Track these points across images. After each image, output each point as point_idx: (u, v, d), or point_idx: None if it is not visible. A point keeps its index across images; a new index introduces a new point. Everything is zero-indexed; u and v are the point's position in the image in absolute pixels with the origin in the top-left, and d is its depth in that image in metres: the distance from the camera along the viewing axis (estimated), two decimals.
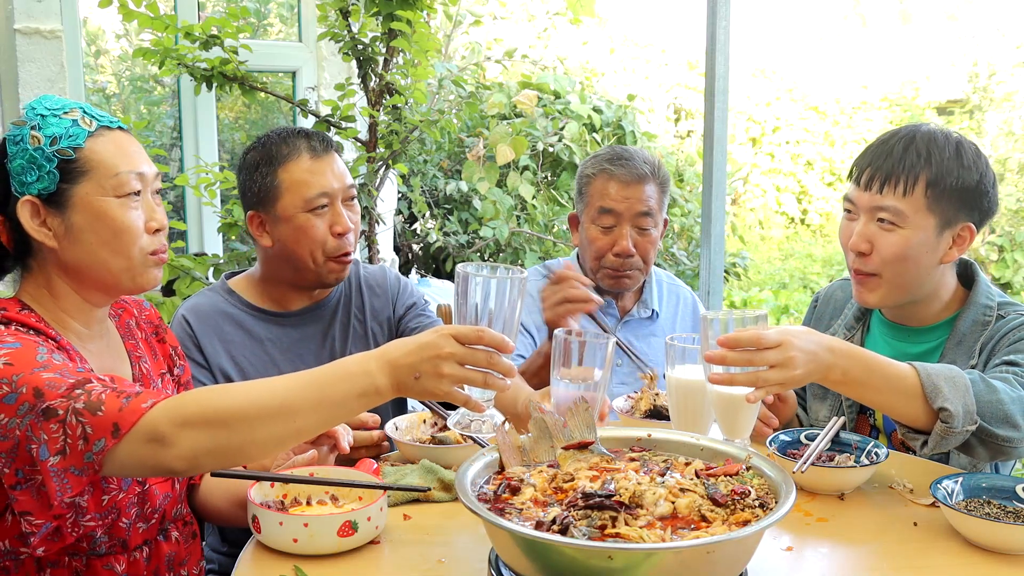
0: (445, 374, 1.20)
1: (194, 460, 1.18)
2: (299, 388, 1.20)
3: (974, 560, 1.31)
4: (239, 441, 1.18)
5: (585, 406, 1.35)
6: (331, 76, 4.23)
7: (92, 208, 1.34)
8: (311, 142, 1.85)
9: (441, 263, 5.64)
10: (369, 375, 1.20)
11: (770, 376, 1.38)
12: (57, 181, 1.33)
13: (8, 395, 1.18)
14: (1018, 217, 7.50)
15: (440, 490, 1.51)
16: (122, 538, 1.39)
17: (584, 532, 1.08)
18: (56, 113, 1.35)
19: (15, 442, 1.17)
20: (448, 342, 1.20)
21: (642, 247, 2.20)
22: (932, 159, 1.66)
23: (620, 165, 2.19)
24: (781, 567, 1.30)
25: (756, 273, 7.93)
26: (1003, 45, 8.64)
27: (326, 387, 1.20)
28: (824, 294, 2.05)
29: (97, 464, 1.16)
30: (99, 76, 4.60)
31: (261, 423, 1.18)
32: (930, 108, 9.05)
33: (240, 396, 1.20)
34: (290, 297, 1.93)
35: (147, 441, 1.16)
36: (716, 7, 3.05)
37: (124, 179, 1.36)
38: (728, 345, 1.38)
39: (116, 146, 1.37)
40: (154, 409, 1.17)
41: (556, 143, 5.53)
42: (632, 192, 2.17)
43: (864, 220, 1.71)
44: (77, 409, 1.17)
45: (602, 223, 2.19)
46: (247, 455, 1.21)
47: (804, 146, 9.42)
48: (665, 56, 9.43)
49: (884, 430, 1.83)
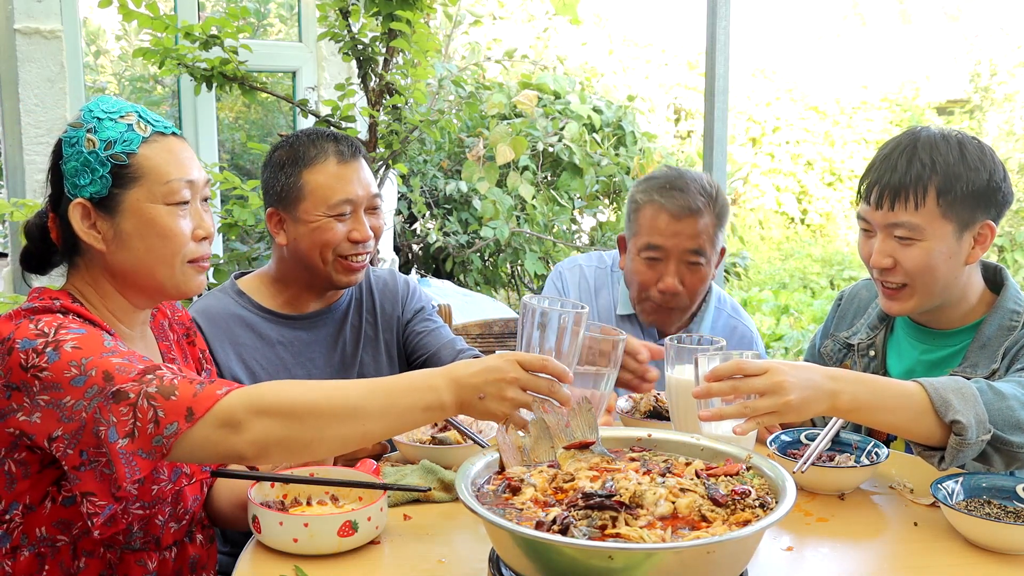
0: (508, 397, 1.25)
1: (264, 448, 1.21)
2: (369, 394, 1.25)
3: (974, 560, 1.31)
4: (309, 436, 1.22)
5: (587, 406, 1.35)
6: (331, 76, 4.23)
7: (141, 214, 1.35)
8: (339, 146, 1.84)
9: (441, 263, 5.64)
10: (435, 390, 1.25)
11: (760, 404, 1.35)
12: (109, 186, 1.34)
13: (77, 377, 1.21)
14: (1018, 217, 7.50)
15: (440, 490, 1.51)
16: (156, 535, 1.41)
17: (584, 532, 1.08)
18: (112, 117, 1.36)
19: (81, 423, 1.20)
20: (514, 367, 1.26)
21: (691, 284, 2.02)
22: (937, 167, 1.64)
23: (672, 197, 1.99)
24: (781, 567, 1.30)
25: (756, 273, 7.93)
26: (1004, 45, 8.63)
27: (394, 396, 1.25)
28: (849, 293, 2.01)
29: (166, 448, 1.19)
30: (99, 76, 4.60)
31: (332, 421, 1.22)
32: (930, 108, 9.05)
33: (315, 393, 1.25)
34: (302, 298, 1.92)
35: (220, 426, 1.20)
36: (716, 7, 3.05)
37: (175, 187, 1.36)
38: (711, 379, 1.37)
39: (169, 153, 1.38)
40: (230, 395, 1.21)
41: (556, 143, 5.53)
42: (683, 227, 1.98)
43: (882, 237, 1.68)
44: (149, 393, 1.20)
45: (648, 255, 2.02)
46: (313, 451, 1.25)
47: (804, 146, 9.42)
48: (665, 56, 9.44)
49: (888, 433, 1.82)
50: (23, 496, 1.31)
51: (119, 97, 1.61)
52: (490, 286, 5.84)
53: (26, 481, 1.30)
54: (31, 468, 1.30)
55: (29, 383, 1.22)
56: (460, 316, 2.64)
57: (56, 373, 1.21)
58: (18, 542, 1.32)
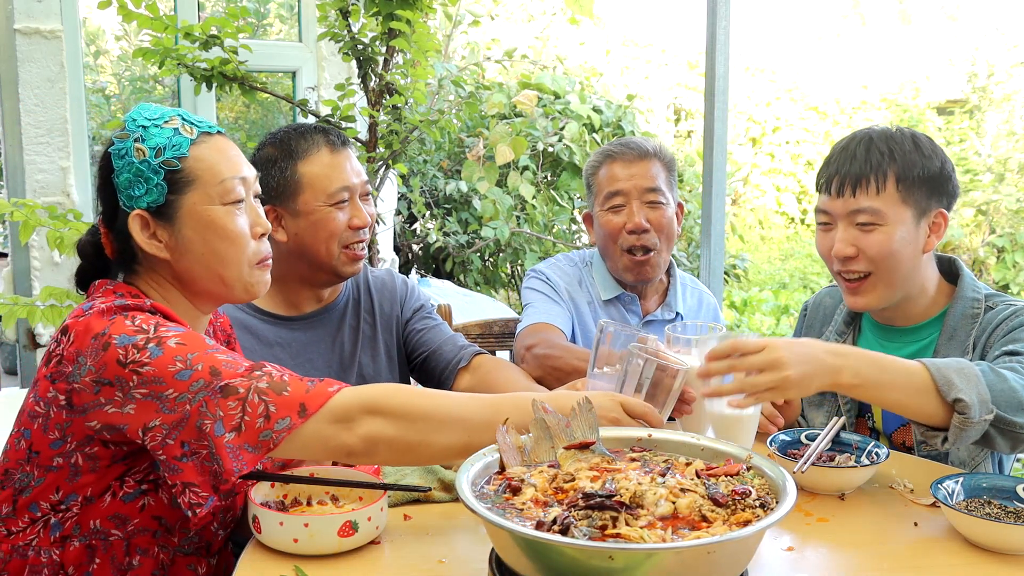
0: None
1: (373, 445, 1.25)
2: (477, 406, 1.31)
3: (974, 560, 1.31)
4: (417, 439, 1.26)
5: (588, 406, 1.35)
6: (331, 76, 4.23)
7: (201, 218, 1.35)
8: (329, 137, 1.86)
9: (441, 263, 5.65)
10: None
11: (759, 380, 1.38)
12: (165, 192, 1.33)
13: (182, 371, 1.22)
14: (1018, 217, 7.49)
15: (440, 490, 1.51)
16: (208, 540, 1.41)
17: (585, 532, 1.08)
18: (157, 123, 1.35)
19: (184, 416, 1.21)
20: (618, 409, 1.34)
21: (656, 221, 2.15)
22: (895, 154, 1.70)
23: (621, 151, 2.19)
24: (781, 567, 1.30)
25: (756, 273, 7.94)
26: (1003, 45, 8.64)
27: (500, 411, 1.30)
28: (813, 303, 2.05)
29: (275, 442, 1.21)
30: (99, 76, 4.60)
31: (440, 428, 1.27)
32: (930, 108, 9.06)
33: (426, 399, 1.30)
34: (301, 297, 1.92)
35: (333, 421, 1.23)
36: (716, 7, 3.05)
37: (229, 186, 1.36)
38: (710, 359, 1.42)
39: (218, 152, 1.37)
40: (343, 392, 1.25)
41: (556, 143, 5.53)
42: (636, 169, 2.15)
43: (843, 226, 1.72)
44: (260, 388, 1.22)
45: (611, 204, 2.16)
46: (419, 455, 1.29)
47: (804, 146, 9.43)
48: (665, 56, 9.45)
49: (884, 432, 1.83)
50: (85, 488, 1.31)
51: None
52: (490, 286, 5.85)
53: (92, 475, 1.30)
54: (100, 463, 1.30)
55: (126, 378, 1.22)
56: (460, 316, 2.64)
57: (159, 368, 1.22)
58: (69, 532, 1.32)
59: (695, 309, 2.34)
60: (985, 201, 7.53)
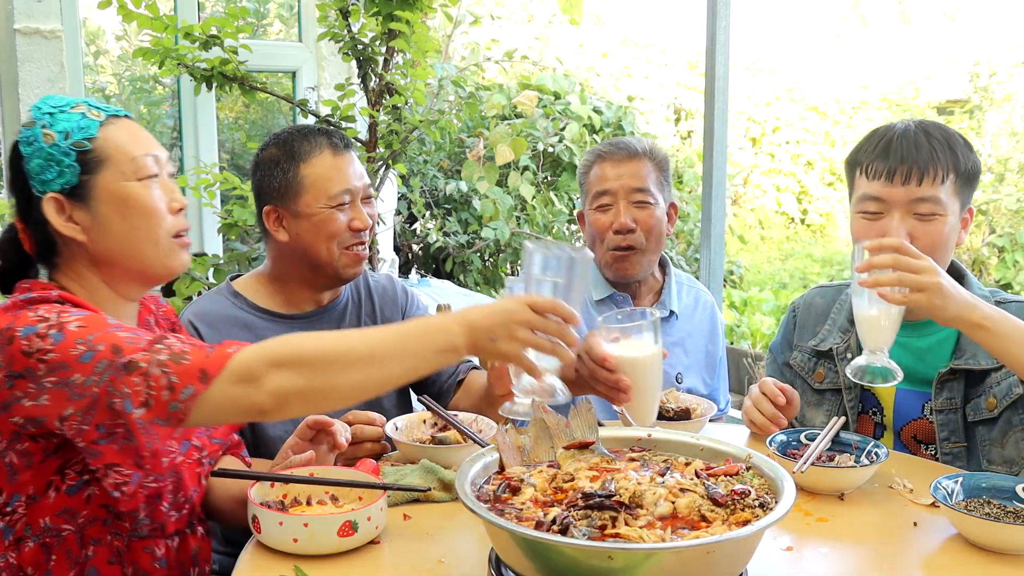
0: (519, 338, 1.27)
1: (283, 399, 1.21)
2: (383, 338, 1.27)
3: (974, 560, 1.31)
4: (327, 384, 1.22)
5: (588, 406, 1.35)
6: (331, 76, 4.23)
7: (117, 195, 1.36)
8: (332, 139, 1.86)
9: (441, 263, 5.65)
10: (449, 333, 1.26)
11: (917, 278, 1.44)
12: (78, 173, 1.35)
13: (85, 354, 1.21)
14: (1018, 217, 7.49)
15: (440, 490, 1.51)
16: (161, 522, 1.41)
17: (584, 532, 1.08)
18: (63, 109, 1.37)
19: (93, 399, 1.20)
20: (525, 309, 1.27)
21: (643, 222, 2.15)
22: (952, 146, 1.70)
23: (611, 151, 2.19)
24: (781, 567, 1.30)
25: (756, 273, 7.94)
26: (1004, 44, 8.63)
27: (408, 339, 1.26)
28: (803, 303, 2.02)
29: (183, 412, 1.19)
30: (99, 76, 4.60)
31: (349, 368, 1.23)
32: (930, 108, 9.05)
33: (328, 341, 1.26)
34: (300, 297, 1.92)
35: (237, 382, 1.20)
36: (716, 7, 3.05)
37: (141, 162, 1.37)
38: (875, 250, 1.48)
39: (127, 132, 1.39)
40: (242, 350, 1.22)
41: (556, 143, 5.53)
42: (626, 170, 2.16)
43: (899, 215, 1.70)
44: (161, 360, 1.20)
45: (599, 203, 2.17)
46: (332, 399, 1.25)
47: (804, 146, 9.43)
48: (665, 56, 9.44)
49: (893, 427, 1.82)
50: (26, 487, 1.31)
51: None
52: (490, 286, 5.85)
53: (28, 471, 1.31)
54: (34, 458, 1.30)
55: (33, 368, 1.22)
56: None
57: (62, 352, 1.21)
58: (22, 533, 1.33)
59: (691, 308, 2.33)
60: (985, 201, 7.53)
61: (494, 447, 1.31)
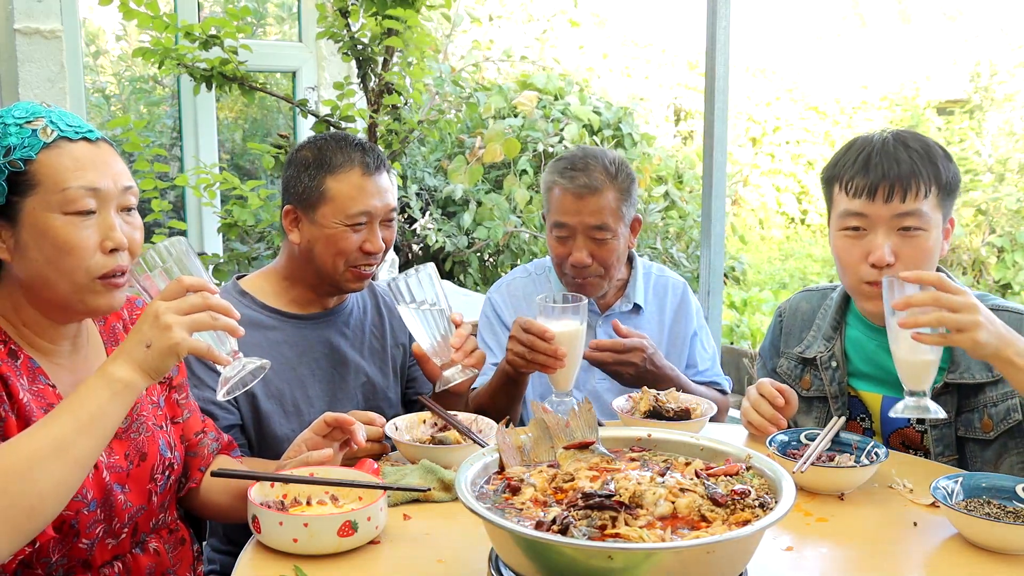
0: (169, 324, 1.22)
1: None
2: (54, 420, 1.19)
3: (974, 560, 1.31)
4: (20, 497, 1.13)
5: (588, 406, 1.35)
6: (331, 76, 4.23)
7: (37, 224, 1.29)
8: (366, 158, 1.84)
9: (440, 263, 5.65)
10: (106, 375, 1.21)
11: (957, 317, 1.39)
12: (6, 193, 1.28)
13: None
14: (1018, 217, 7.49)
15: (440, 490, 1.51)
16: (82, 558, 1.36)
17: (584, 532, 1.08)
18: (19, 122, 1.30)
19: None
20: (156, 302, 1.24)
21: (600, 256, 2.13)
22: (932, 158, 1.67)
23: (572, 178, 2.10)
24: (781, 567, 1.30)
25: (756, 273, 7.94)
26: (1004, 45, 8.63)
27: (77, 408, 1.19)
28: (789, 308, 2.01)
29: None
30: (99, 76, 4.60)
31: (38, 469, 1.14)
32: (930, 108, 9.05)
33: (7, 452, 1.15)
34: (307, 298, 1.93)
35: None
36: (716, 7, 3.05)
37: (72, 195, 1.29)
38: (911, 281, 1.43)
39: (72, 160, 1.30)
40: None
41: (556, 144, 5.53)
42: (584, 205, 2.08)
43: (883, 231, 1.67)
44: None
45: (557, 234, 2.15)
46: (38, 511, 1.15)
47: (804, 146, 9.42)
48: (665, 56, 9.44)
49: (882, 433, 1.82)
50: None
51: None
52: (489, 286, 5.85)
53: None
54: None
55: None
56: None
57: None
58: None
59: (662, 296, 2.34)
60: (985, 201, 7.52)
61: (494, 447, 1.31)
